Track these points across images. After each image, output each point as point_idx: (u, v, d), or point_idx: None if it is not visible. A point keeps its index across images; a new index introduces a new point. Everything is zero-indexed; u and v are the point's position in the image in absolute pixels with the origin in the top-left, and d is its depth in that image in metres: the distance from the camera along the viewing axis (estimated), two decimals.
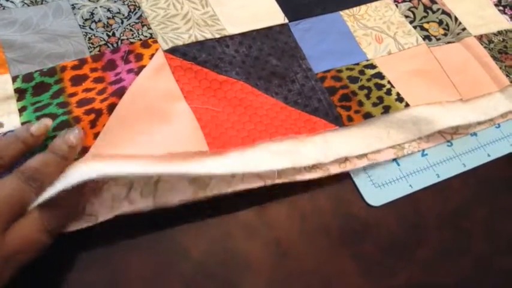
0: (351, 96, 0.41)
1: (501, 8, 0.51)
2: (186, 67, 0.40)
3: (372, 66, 0.44)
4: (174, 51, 0.40)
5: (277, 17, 0.45)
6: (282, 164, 0.36)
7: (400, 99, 0.41)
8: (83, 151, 0.33)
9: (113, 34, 0.41)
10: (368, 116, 0.40)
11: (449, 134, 0.42)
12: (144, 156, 0.34)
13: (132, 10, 0.43)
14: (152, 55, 0.40)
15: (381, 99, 0.41)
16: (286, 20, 0.45)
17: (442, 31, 0.48)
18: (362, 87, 0.42)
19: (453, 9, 0.49)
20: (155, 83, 0.38)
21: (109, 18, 0.42)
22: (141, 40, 0.41)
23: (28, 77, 0.38)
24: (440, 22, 0.48)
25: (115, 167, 0.32)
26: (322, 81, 0.42)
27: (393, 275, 0.35)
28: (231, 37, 0.43)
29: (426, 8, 0.49)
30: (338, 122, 0.40)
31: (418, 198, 0.38)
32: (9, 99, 0.37)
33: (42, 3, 0.42)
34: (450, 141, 0.42)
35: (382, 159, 0.39)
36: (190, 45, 0.41)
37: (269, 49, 0.43)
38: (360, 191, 0.38)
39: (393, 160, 0.40)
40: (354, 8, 0.48)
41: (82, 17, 0.42)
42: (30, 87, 0.37)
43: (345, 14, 0.47)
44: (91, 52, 0.40)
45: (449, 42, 0.47)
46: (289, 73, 0.42)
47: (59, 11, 0.42)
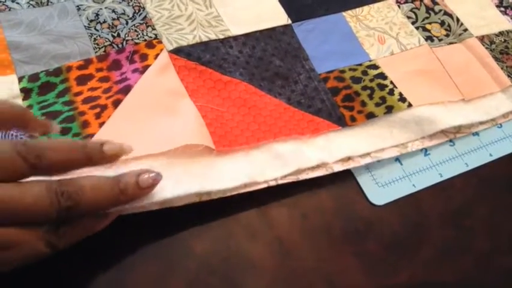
0: (354, 96, 0.42)
1: (502, 9, 0.52)
2: (191, 67, 0.40)
3: (375, 66, 0.44)
4: (179, 51, 0.41)
5: (280, 18, 0.45)
6: (288, 170, 0.36)
7: (403, 99, 0.42)
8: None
9: (118, 35, 0.42)
10: (371, 116, 0.40)
11: (452, 133, 0.42)
12: (149, 154, 0.34)
13: (137, 11, 0.44)
14: (157, 55, 0.40)
15: (384, 99, 0.42)
16: (289, 21, 0.45)
17: (444, 32, 0.48)
18: (365, 87, 0.42)
19: (455, 10, 0.50)
20: (160, 81, 0.39)
21: (114, 19, 0.43)
22: (146, 41, 0.41)
23: (34, 77, 0.38)
24: (442, 23, 0.49)
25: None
26: (325, 81, 0.42)
27: (396, 273, 0.35)
28: (235, 38, 0.43)
29: (428, 9, 0.49)
30: (341, 123, 0.40)
31: (421, 197, 0.39)
32: (15, 98, 0.37)
33: (47, 4, 0.43)
34: (453, 140, 0.42)
35: (385, 156, 0.39)
36: (194, 45, 0.41)
37: (272, 50, 0.43)
38: (363, 190, 0.38)
39: (396, 160, 0.40)
40: (357, 9, 0.48)
41: (87, 18, 0.42)
42: (36, 86, 0.38)
43: (348, 15, 0.47)
44: (96, 52, 0.40)
45: (451, 43, 0.47)
46: (292, 74, 0.42)
47: (64, 12, 0.42)
